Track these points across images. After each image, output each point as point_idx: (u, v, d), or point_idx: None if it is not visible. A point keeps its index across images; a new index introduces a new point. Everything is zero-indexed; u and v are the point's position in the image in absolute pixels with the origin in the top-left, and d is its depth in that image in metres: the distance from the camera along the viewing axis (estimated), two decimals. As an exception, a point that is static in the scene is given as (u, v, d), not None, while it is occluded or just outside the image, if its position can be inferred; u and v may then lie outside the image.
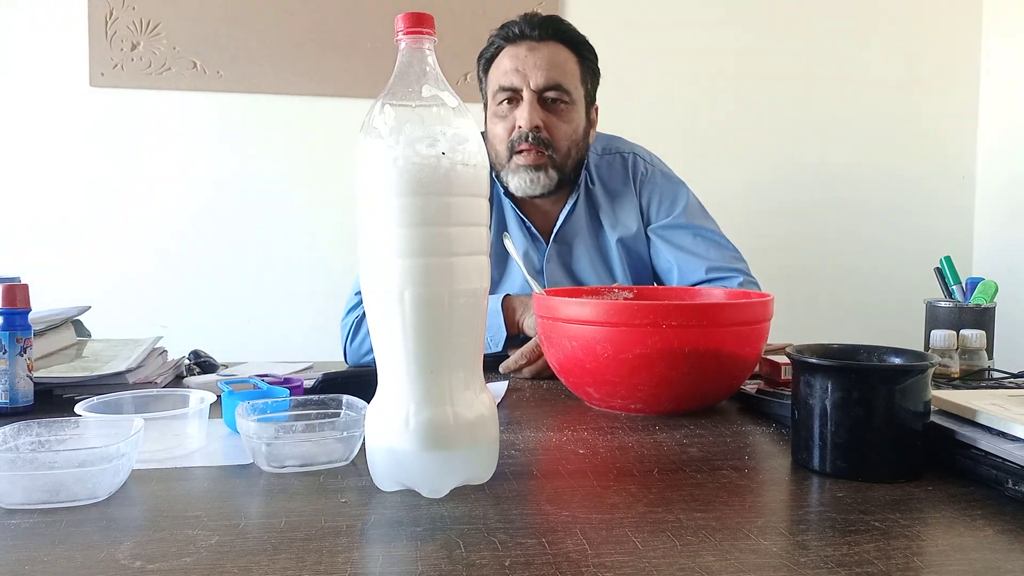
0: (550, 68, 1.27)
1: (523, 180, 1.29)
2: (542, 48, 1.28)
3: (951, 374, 1.04)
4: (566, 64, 1.30)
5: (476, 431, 0.60)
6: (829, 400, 0.65)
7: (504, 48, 1.30)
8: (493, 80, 1.31)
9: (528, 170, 1.29)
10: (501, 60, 1.30)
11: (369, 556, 0.50)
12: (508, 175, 1.31)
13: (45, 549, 0.50)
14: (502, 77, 1.28)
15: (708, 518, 0.56)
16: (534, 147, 1.27)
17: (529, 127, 1.26)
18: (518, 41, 1.29)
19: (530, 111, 1.26)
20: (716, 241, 1.39)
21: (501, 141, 1.30)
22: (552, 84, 1.27)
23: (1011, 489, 0.59)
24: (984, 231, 2.30)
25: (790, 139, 2.23)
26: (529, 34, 1.28)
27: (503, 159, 1.31)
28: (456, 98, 0.60)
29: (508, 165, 1.30)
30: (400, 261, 0.57)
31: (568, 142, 1.31)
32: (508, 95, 1.28)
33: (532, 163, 1.28)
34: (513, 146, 1.28)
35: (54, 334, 1.06)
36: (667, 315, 0.84)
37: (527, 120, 1.26)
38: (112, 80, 1.97)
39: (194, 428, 0.74)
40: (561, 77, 1.28)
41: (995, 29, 2.24)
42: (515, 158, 1.29)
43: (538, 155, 1.28)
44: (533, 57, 1.27)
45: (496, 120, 1.32)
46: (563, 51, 1.30)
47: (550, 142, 1.28)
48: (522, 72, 1.27)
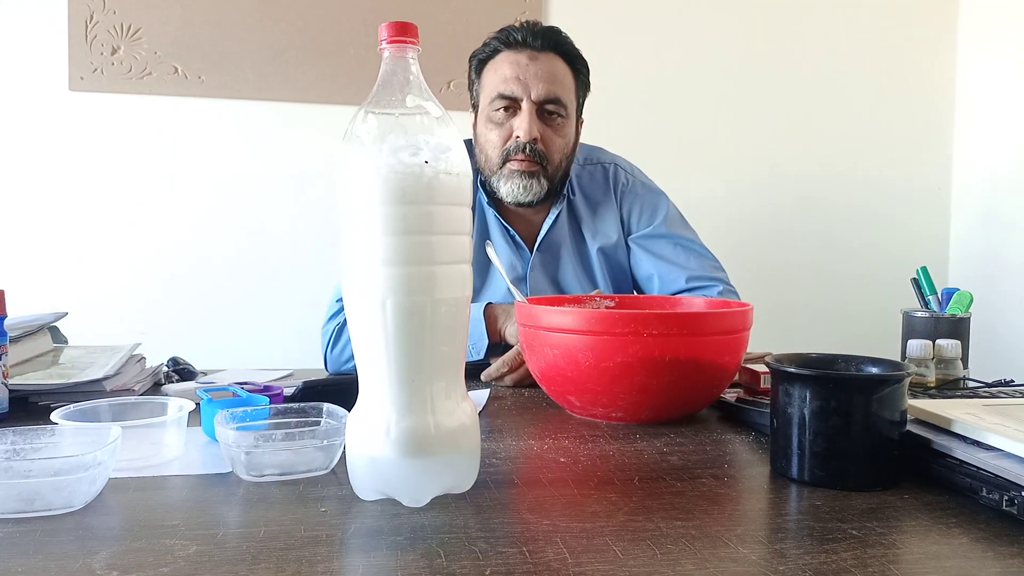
0: (550, 81, 1.27)
1: (515, 186, 1.29)
2: (542, 59, 1.28)
3: (927, 383, 1.05)
4: (564, 77, 1.30)
5: (457, 440, 0.60)
6: (807, 409, 0.66)
7: (502, 52, 1.30)
8: (490, 84, 1.31)
9: (522, 176, 1.29)
10: (500, 65, 1.30)
11: (349, 566, 0.49)
12: (499, 180, 1.31)
13: (19, 559, 0.49)
14: (502, 84, 1.28)
15: (688, 526, 0.56)
16: (529, 158, 1.28)
17: (528, 139, 1.27)
18: (518, 48, 1.29)
19: (530, 123, 1.26)
20: (696, 251, 1.40)
21: (494, 147, 1.31)
22: (552, 97, 1.28)
23: (985, 497, 0.60)
24: (959, 242, 2.33)
25: (768, 150, 2.26)
26: (531, 43, 1.28)
27: (494, 165, 1.31)
28: (439, 107, 0.61)
29: (500, 171, 1.30)
30: (382, 269, 0.57)
31: (560, 155, 1.32)
32: (506, 103, 1.28)
33: (526, 169, 1.28)
34: (508, 155, 1.29)
35: (30, 340, 1.04)
36: (648, 324, 0.84)
37: (526, 132, 1.26)
38: (92, 84, 1.95)
39: (172, 436, 0.73)
40: (560, 91, 1.29)
41: (971, 41, 2.28)
42: (508, 164, 1.29)
43: (532, 164, 1.29)
44: (534, 67, 1.27)
45: (491, 125, 1.31)
46: (561, 64, 1.30)
47: (544, 155, 1.29)
48: (523, 82, 1.27)
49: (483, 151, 1.33)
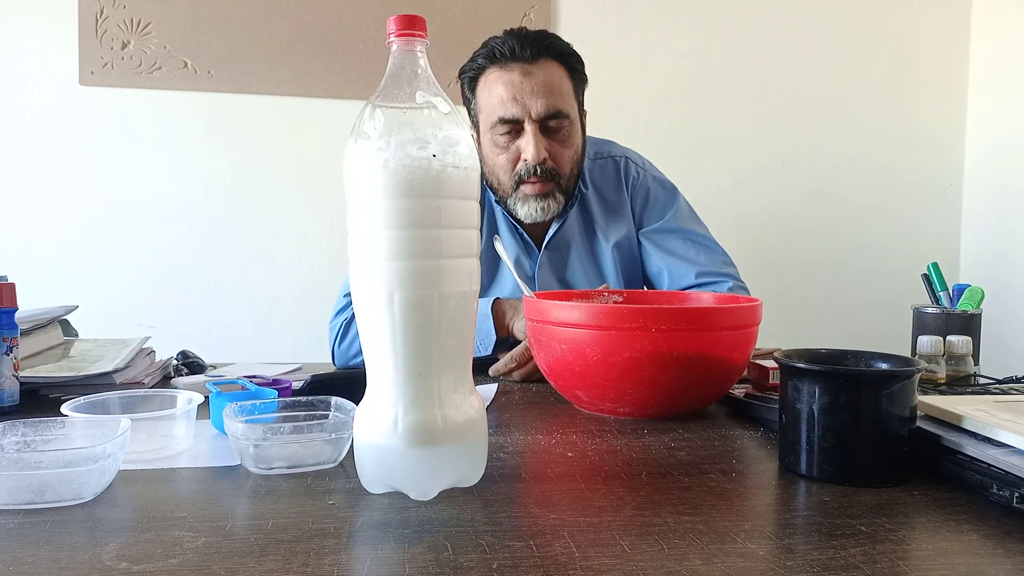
0: (549, 94, 1.23)
1: (533, 209, 1.28)
2: (536, 72, 1.23)
3: (937, 380, 1.04)
4: (561, 85, 1.26)
5: (465, 433, 0.60)
6: (816, 405, 0.65)
7: (491, 70, 1.25)
8: (488, 106, 1.27)
9: (538, 199, 1.27)
10: (494, 86, 1.25)
11: (356, 558, 0.49)
12: (515, 203, 1.29)
13: (30, 550, 0.50)
14: (500, 108, 1.24)
15: (696, 522, 0.56)
16: (541, 179, 1.26)
17: (536, 161, 1.24)
18: (508, 64, 1.24)
19: (536, 144, 1.23)
20: (706, 246, 1.39)
21: (504, 171, 1.28)
22: (553, 112, 1.24)
23: (996, 494, 0.59)
24: (971, 237, 2.32)
25: (778, 146, 2.25)
26: (520, 55, 1.23)
27: (507, 188, 1.29)
28: (448, 101, 0.60)
29: (515, 194, 1.29)
30: (390, 263, 0.57)
31: (571, 164, 1.30)
32: (508, 127, 1.25)
33: (541, 192, 1.27)
34: (520, 178, 1.27)
35: (41, 333, 1.05)
36: (656, 319, 0.84)
37: (533, 155, 1.24)
38: (102, 79, 1.96)
39: (181, 429, 0.74)
40: (560, 102, 1.25)
41: (984, 35, 2.27)
42: (522, 187, 1.27)
43: (544, 184, 1.27)
44: (530, 83, 1.22)
45: (496, 150, 1.28)
46: (556, 69, 1.26)
47: (556, 171, 1.27)
48: (520, 102, 1.22)
49: (493, 174, 1.31)
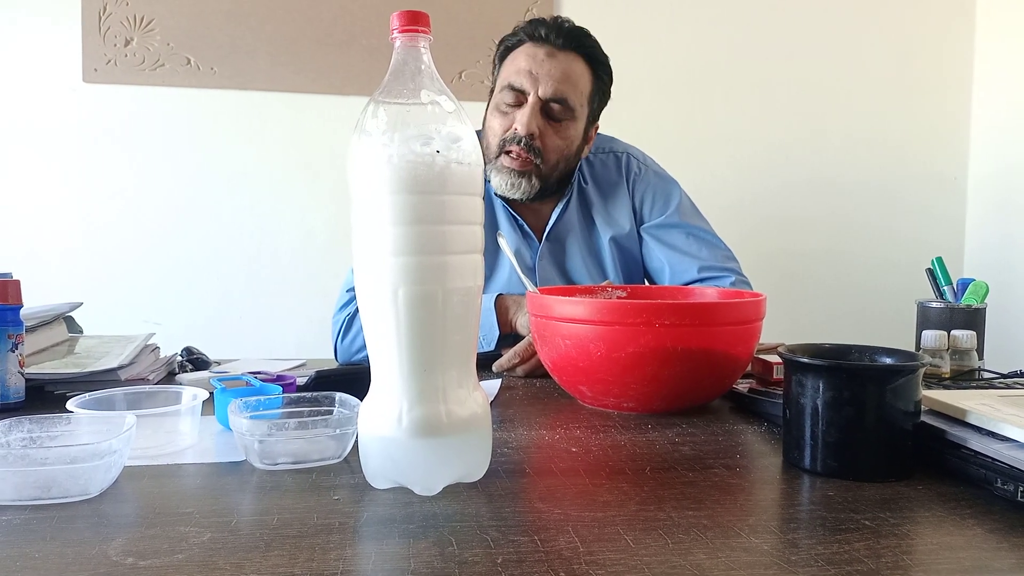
0: (561, 80, 1.27)
1: (504, 182, 1.30)
2: (560, 57, 1.27)
3: (942, 374, 1.04)
4: (579, 79, 1.29)
5: (469, 428, 0.60)
6: (820, 399, 0.65)
7: (525, 43, 1.30)
8: (505, 73, 1.31)
9: (512, 173, 1.29)
10: (518, 56, 1.29)
11: (361, 553, 0.50)
12: (492, 171, 1.31)
13: (36, 545, 0.50)
14: (513, 75, 1.28)
15: (700, 516, 0.56)
16: (523, 152, 1.27)
17: (525, 133, 1.26)
18: (540, 43, 1.28)
19: (529, 117, 1.26)
20: (709, 240, 1.39)
21: (495, 135, 1.31)
22: (559, 97, 1.27)
23: (1000, 488, 0.59)
24: (975, 232, 2.31)
25: (782, 140, 2.24)
26: (553, 40, 1.27)
27: (492, 154, 1.31)
28: (451, 97, 0.60)
29: (495, 162, 1.30)
30: (394, 259, 0.57)
31: (558, 155, 1.31)
32: (515, 95, 1.28)
33: (517, 168, 1.29)
34: (504, 145, 1.29)
35: (46, 330, 1.05)
36: (660, 314, 0.84)
37: (524, 126, 1.26)
38: (105, 76, 1.96)
39: (187, 425, 0.74)
40: (569, 91, 1.28)
41: (988, 32, 2.26)
42: (502, 158, 1.29)
43: (525, 161, 1.28)
44: (548, 64, 1.26)
45: (496, 113, 1.31)
46: (580, 65, 1.29)
47: (540, 151, 1.28)
48: (534, 76, 1.26)
49: (486, 137, 1.34)
